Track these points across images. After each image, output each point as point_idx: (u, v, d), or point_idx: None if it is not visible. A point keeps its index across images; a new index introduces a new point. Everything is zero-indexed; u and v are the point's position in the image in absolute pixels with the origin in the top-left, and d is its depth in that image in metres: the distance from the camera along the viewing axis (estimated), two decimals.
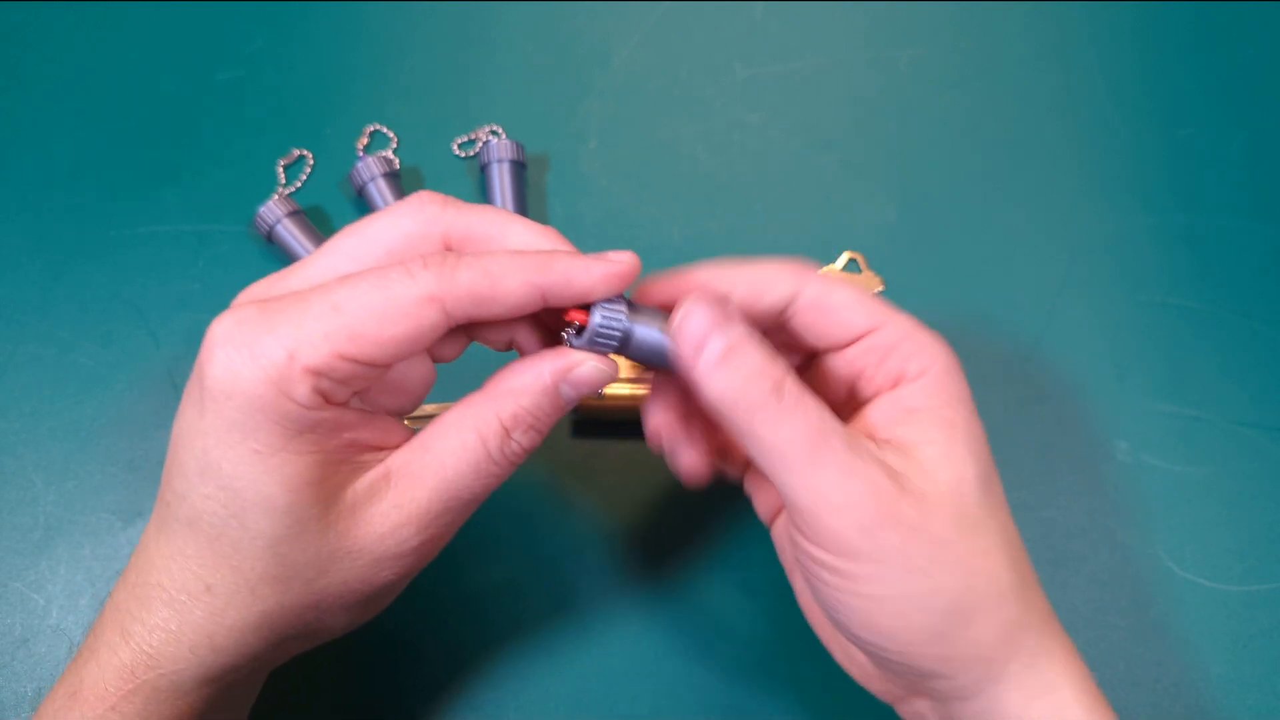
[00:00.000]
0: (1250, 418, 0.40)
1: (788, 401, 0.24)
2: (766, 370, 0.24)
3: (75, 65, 0.49)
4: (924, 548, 0.24)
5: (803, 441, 0.23)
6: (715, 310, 0.24)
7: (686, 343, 0.24)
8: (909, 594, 0.24)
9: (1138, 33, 0.52)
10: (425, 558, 0.25)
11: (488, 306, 0.23)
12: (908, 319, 0.27)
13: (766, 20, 0.52)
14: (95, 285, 0.43)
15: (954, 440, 0.25)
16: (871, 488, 0.23)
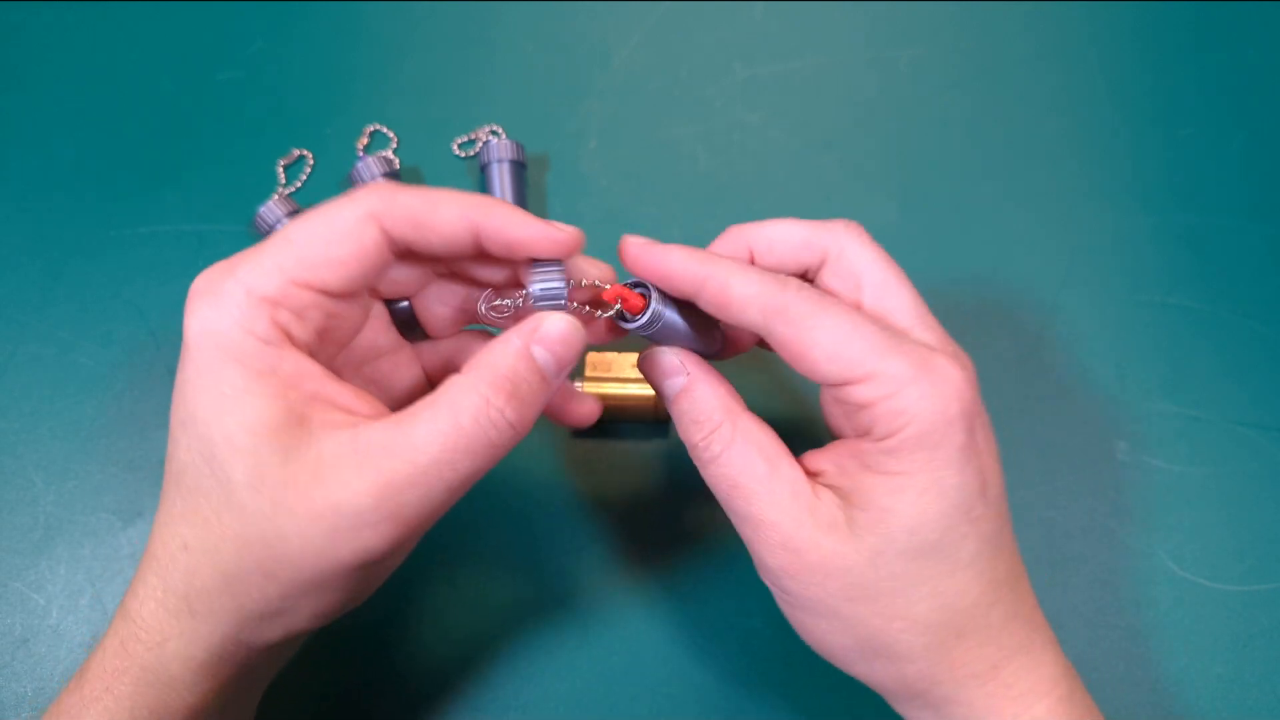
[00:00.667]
0: (1250, 418, 0.40)
1: (716, 446, 0.26)
2: (703, 414, 0.27)
3: (75, 65, 0.49)
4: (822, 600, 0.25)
5: (724, 486, 0.26)
6: (671, 357, 0.28)
7: (654, 375, 0.29)
8: (814, 627, 0.26)
9: (1138, 33, 0.52)
10: (391, 541, 0.23)
11: (424, 232, 0.25)
12: (901, 365, 0.24)
13: (766, 20, 0.52)
14: (95, 285, 0.43)
15: (891, 510, 0.24)
16: (777, 541, 0.25)
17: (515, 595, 0.36)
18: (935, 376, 0.24)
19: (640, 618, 0.36)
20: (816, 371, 0.25)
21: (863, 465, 0.25)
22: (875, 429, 0.25)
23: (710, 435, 0.26)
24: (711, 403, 0.27)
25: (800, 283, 0.26)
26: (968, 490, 0.25)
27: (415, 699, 0.34)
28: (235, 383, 0.23)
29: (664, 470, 0.39)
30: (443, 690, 0.35)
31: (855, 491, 0.25)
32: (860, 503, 0.25)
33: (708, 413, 0.27)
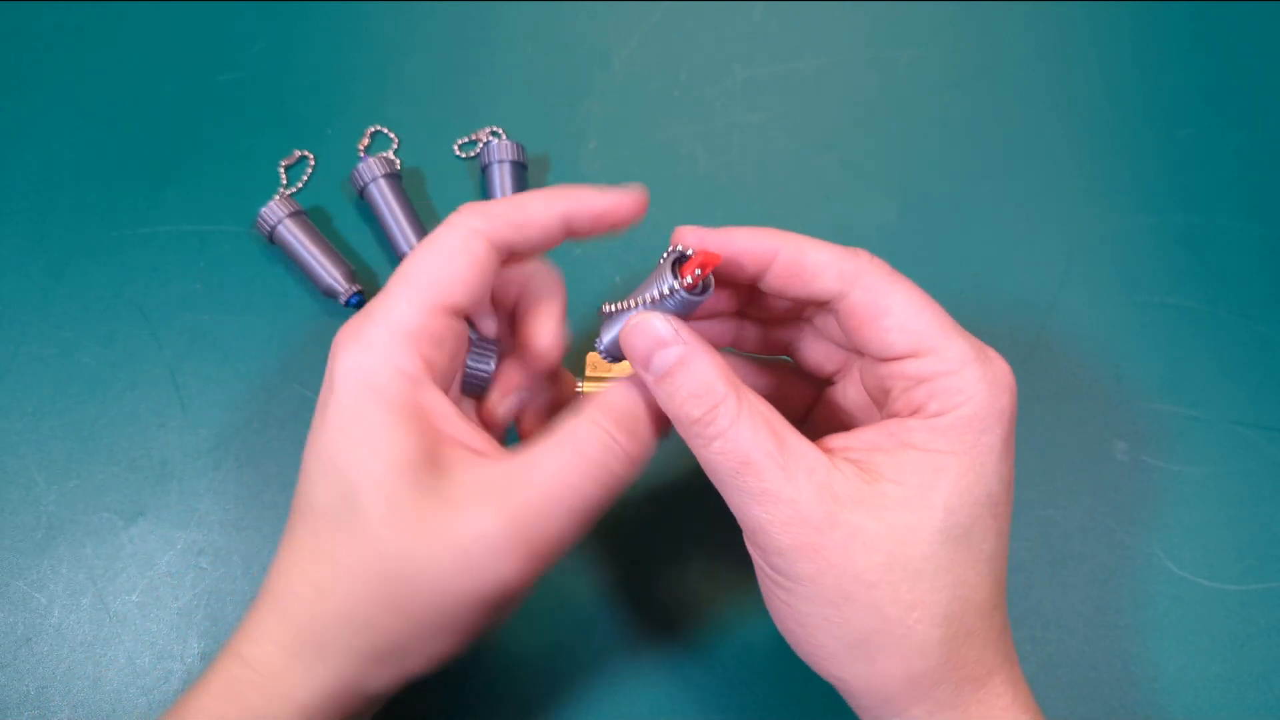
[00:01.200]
0: (1248, 417, 0.40)
1: (722, 422, 0.24)
2: (704, 388, 0.25)
3: (77, 66, 0.49)
4: (839, 582, 0.24)
5: (731, 462, 0.24)
6: (664, 325, 0.25)
7: (633, 357, 0.26)
8: (818, 616, 0.24)
9: (1137, 33, 0.52)
10: (523, 572, 0.24)
11: (522, 230, 0.26)
12: (965, 347, 0.25)
13: (766, 21, 0.52)
14: (97, 285, 0.43)
15: (933, 487, 0.24)
16: (793, 517, 0.24)
17: None
18: (993, 366, 0.25)
19: (640, 617, 0.36)
20: (884, 340, 0.25)
21: (902, 442, 0.25)
22: (929, 405, 0.25)
23: (714, 410, 0.25)
24: (712, 374, 0.25)
25: (869, 254, 0.26)
26: (1001, 482, 0.25)
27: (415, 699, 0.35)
28: (379, 421, 0.24)
29: (664, 470, 0.39)
30: (443, 689, 0.35)
31: (889, 466, 0.25)
32: (895, 476, 0.24)
33: (708, 385, 0.25)
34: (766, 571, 0.26)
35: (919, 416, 0.25)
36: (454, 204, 0.45)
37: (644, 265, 0.44)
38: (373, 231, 0.45)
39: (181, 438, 0.39)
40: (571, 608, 0.36)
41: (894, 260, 0.44)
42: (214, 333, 0.42)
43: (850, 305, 0.26)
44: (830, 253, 0.26)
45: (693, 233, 0.27)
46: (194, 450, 0.39)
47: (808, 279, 0.26)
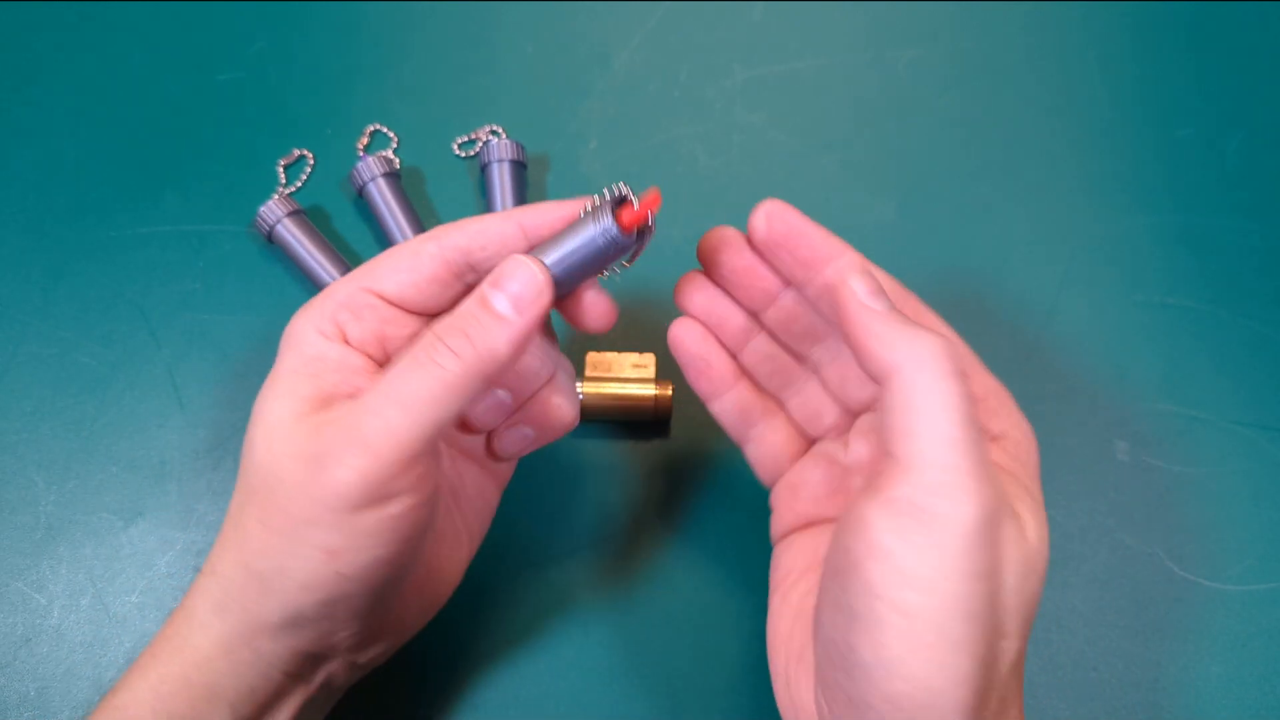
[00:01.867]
0: (1249, 417, 0.40)
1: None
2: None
3: (77, 66, 0.49)
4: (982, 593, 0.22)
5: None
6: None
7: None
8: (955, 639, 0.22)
9: (1136, 33, 0.52)
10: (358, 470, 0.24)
11: (478, 237, 0.28)
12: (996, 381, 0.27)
13: (766, 21, 0.52)
14: (96, 285, 0.43)
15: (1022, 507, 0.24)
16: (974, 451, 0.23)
17: (515, 594, 0.36)
18: None
19: (641, 617, 0.36)
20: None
21: None
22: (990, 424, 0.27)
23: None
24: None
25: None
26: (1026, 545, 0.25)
27: (415, 698, 0.34)
28: (290, 365, 0.26)
29: (664, 470, 0.39)
30: (442, 688, 0.35)
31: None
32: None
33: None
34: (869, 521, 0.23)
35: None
36: (453, 203, 0.46)
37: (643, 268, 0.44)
38: (372, 231, 0.45)
39: (181, 438, 0.39)
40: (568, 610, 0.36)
41: (893, 261, 0.44)
42: (213, 332, 0.42)
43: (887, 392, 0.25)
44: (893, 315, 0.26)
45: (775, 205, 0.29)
46: (193, 450, 0.39)
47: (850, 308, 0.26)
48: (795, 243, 0.28)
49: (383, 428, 0.24)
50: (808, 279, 0.29)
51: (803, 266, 0.29)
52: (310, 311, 0.27)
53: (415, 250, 0.28)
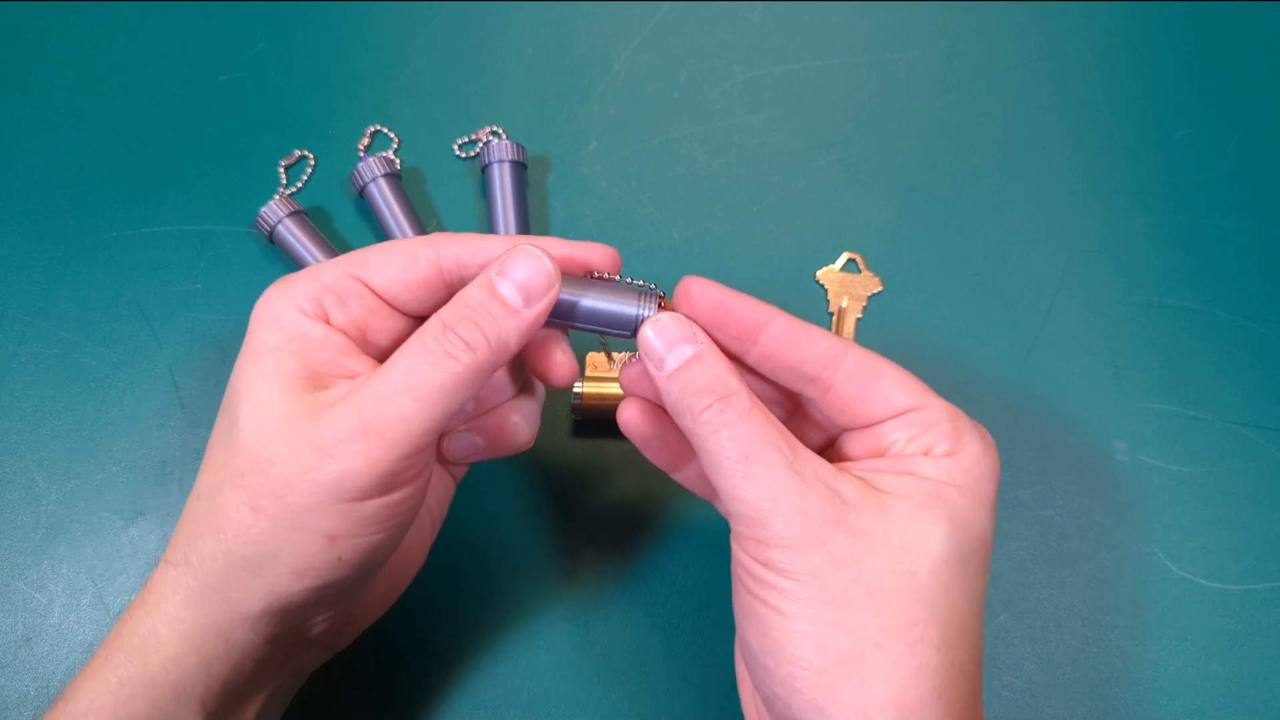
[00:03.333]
0: (1246, 417, 0.41)
1: (733, 411, 0.25)
2: (718, 381, 0.25)
3: (78, 67, 0.49)
4: (845, 582, 0.23)
5: (740, 448, 0.24)
6: (684, 325, 0.27)
7: (652, 346, 0.26)
8: (813, 621, 0.23)
9: (1133, 35, 0.52)
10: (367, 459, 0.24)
11: (476, 254, 0.27)
12: (954, 409, 0.27)
13: (765, 23, 0.52)
14: (98, 285, 0.43)
15: (935, 508, 0.24)
16: (799, 504, 0.24)
17: (516, 594, 0.36)
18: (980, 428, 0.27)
19: (641, 616, 0.36)
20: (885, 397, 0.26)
21: (904, 469, 0.26)
22: (937, 446, 0.26)
23: (727, 398, 0.25)
24: (724, 370, 0.26)
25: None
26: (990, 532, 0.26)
27: (415, 698, 0.35)
28: (270, 341, 0.26)
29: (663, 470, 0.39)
30: (443, 687, 0.35)
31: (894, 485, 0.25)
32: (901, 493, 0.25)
33: (721, 379, 0.25)
34: (757, 574, 0.24)
35: (926, 456, 0.26)
36: (454, 204, 0.46)
37: (643, 269, 0.44)
38: (372, 231, 0.45)
39: (182, 438, 0.39)
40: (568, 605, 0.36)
41: (893, 261, 0.45)
42: (214, 332, 0.42)
43: (847, 370, 0.27)
44: (819, 329, 0.27)
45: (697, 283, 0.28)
46: (194, 450, 0.39)
47: (804, 345, 0.27)
48: (724, 317, 0.27)
49: (396, 417, 0.24)
50: (745, 350, 0.28)
51: (736, 340, 0.28)
52: (290, 288, 0.27)
53: (412, 251, 0.27)
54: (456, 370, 0.25)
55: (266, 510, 0.24)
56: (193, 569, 0.25)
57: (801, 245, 0.45)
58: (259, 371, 0.25)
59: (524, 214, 0.44)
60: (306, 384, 0.25)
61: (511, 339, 0.25)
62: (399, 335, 0.28)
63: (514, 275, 0.26)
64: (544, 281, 0.26)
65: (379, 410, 0.24)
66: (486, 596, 0.36)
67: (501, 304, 0.25)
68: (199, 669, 0.25)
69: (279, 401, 0.25)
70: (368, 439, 0.24)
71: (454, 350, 0.25)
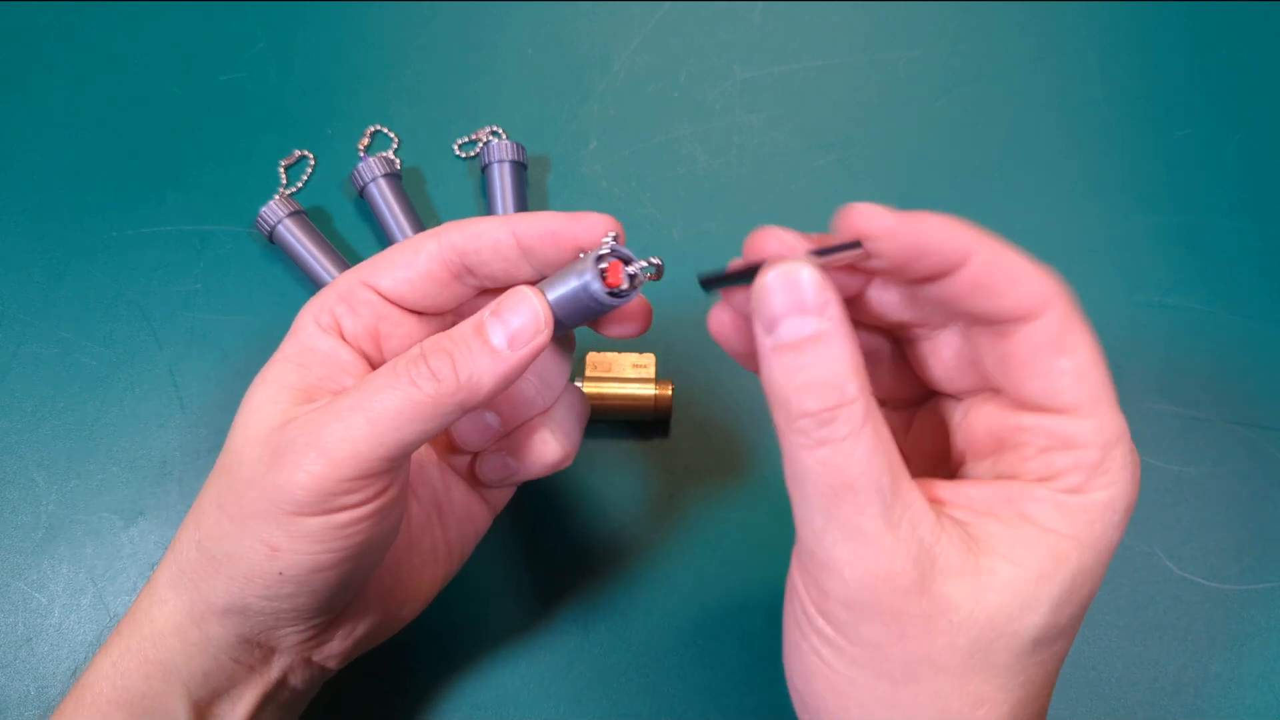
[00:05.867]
0: (1248, 417, 0.40)
1: (840, 428, 0.20)
2: (833, 381, 0.20)
3: (78, 66, 0.49)
4: (908, 658, 0.20)
5: (832, 480, 0.20)
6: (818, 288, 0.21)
7: (768, 303, 0.21)
8: (863, 689, 0.21)
9: (1135, 34, 0.52)
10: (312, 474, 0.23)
11: (474, 238, 0.26)
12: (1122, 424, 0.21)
13: (765, 23, 0.52)
14: (97, 285, 0.43)
15: (1048, 577, 0.20)
16: (880, 566, 0.20)
17: (516, 594, 0.36)
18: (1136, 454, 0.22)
19: (641, 617, 0.36)
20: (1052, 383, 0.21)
21: (1019, 513, 0.21)
22: (1068, 476, 0.21)
23: (838, 409, 0.20)
24: (848, 366, 0.20)
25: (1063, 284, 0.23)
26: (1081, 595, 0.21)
27: (415, 699, 0.35)
28: (285, 352, 0.27)
29: (664, 470, 0.39)
30: (443, 688, 0.35)
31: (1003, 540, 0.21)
32: (1008, 553, 0.21)
33: (839, 379, 0.20)
34: (813, 619, 0.22)
35: (1049, 486, 0.21)
36: (454, 204, 0.46)
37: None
38: (373, 231, 0.45)
39: (181, 438, 0.39)
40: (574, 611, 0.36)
41: None
42: (214, 332, 0.42)
43: (1032, 331, 0.22)
44: (1030, 265, 0.22)
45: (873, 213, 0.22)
46: (194, 450, 0.39)
47: (1002, 291, 0.22)
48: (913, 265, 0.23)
49: (344, 436, 0.23)
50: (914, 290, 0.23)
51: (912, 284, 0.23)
52: (313, 302, 0.27)
53: (415, 247, 0.27)
54: (416, 398, 0.23)
55: (227, 509, 0.25)
56: (176, 555, 0.26)
57: None
58: (263, 381, 0.26)
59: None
60: (299, 397, 0.25)
61: (485, 380, 0.24)
62: (413, 337, 0.28)
63: (504, 314, 0.25)
64: (531, 326, 0.25)
65: (331, 425, 0.23)
66: (483, 596, 0.36)
67: (483, 342, 0.24)
68: (181, 653, 0.26)
69: (266, 411, 0.25)
70: (313, 453, 0.23)
71: (418, 378, 0.24)
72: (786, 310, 0.21)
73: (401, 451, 0.24)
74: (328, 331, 0.27)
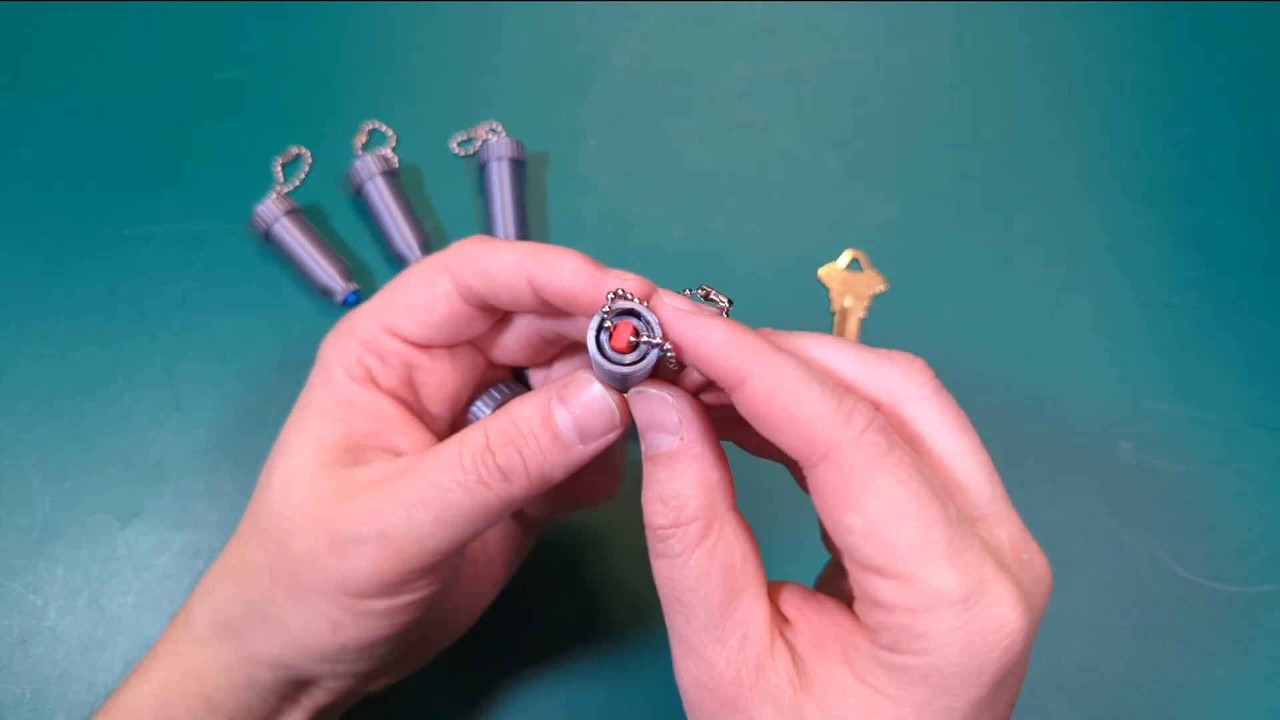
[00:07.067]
0: (1253, 418, 0.40)
1: (675, 544, 0.21)
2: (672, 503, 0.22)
3: (74, 65, 0.49)
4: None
5: (665, 591, 0.22)
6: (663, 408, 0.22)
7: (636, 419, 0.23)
8: None
9: (1138, 31, 0.52)
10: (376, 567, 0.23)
11: (487, 282, 0.24)
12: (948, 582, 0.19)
13: (767, 20, 0.52)
14: (94, 285, 0.42)
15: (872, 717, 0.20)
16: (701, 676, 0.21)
17: (516, 595, 0.36)
18: (987, 616, 0.19)
19: (641, 618, 0.36)
20: (844, 540, 0.20)
21: (845, 657, 0.21)
22: (882, 635, 0.20)
23: (673, 528, 0.22)
24: (691, 489, 0.22)
25: (868, 419, 0.20)
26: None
27: (415, 699, 0.34)
28: (319, 402, 0.25)
29: None
30: (442, 690, 0.34)
31: (821, 681, 0.20)
32: (821, 697, 0.20)
33: (682, 499, 0.22)
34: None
35: (871, 640, 0.20)
36: (452, 202, 0.45)
37: (642, 269, 0.44)
38: (370, 230, 0.45)
39: (178, 438, 0.39)
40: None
41: (895, 260, 0.44)
42: (210, 332, 0.41)
43: (816, 479, 0.20)
44: (817, 407, 0.20)
45: (669, 309, 0.22)
46: (190, 451, 0.39)
47: (775, 427, 0.20)
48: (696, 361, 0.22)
49: (413, 534, 0.22)
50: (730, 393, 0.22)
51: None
52: (336, 347, 0.26)
53: (430, 285, 0.25)
54: (486, 499, 0.23)
55: (282, 581, 0.24)
56: (219, 603, 0.26)
57: (804, 245, 0.44)
58: (303, 433, 0.25)
59: (522, 212, 0.44)
60: (343, 456, 0.25)
61: (556, 474, 0.23)
62: (447, 378, 0.27)
63: (574, 407, 0.23)
64: (604, 423, 0.23)
65: (396, 520, 0.23)
66: None
67: (553, 438, 0.23)
68: (226, 689, 0.26)
69: (310, 472, 0.24)
70: (379, 546, 0.23)
71: (488, 478, 0.23)
72: (648, 425, 0.22)
73: (468, 541, 0.24)
74: (362, 383, 0.26)
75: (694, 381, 0.24)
